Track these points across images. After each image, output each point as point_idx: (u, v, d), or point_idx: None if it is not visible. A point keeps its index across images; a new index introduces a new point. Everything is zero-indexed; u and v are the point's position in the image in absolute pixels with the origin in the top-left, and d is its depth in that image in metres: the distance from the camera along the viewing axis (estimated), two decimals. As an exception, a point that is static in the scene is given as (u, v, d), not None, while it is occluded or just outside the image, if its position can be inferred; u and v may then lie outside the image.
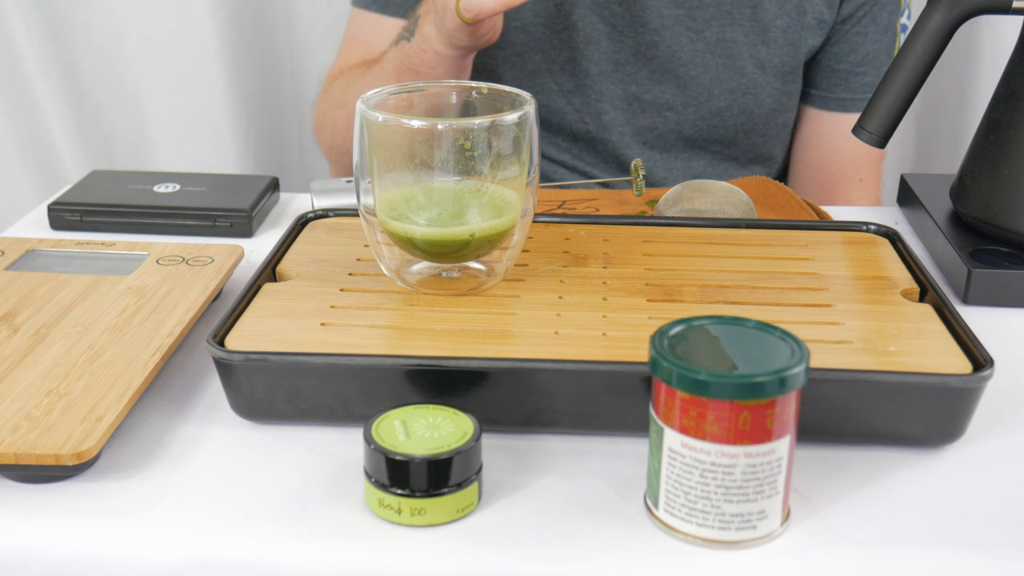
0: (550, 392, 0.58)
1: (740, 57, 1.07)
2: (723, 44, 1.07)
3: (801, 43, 1.09)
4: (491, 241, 0.66)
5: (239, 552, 0.51)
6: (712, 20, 1.06)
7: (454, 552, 0.50)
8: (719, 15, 1.06)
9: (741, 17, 1.06)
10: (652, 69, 1.07)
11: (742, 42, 1.07)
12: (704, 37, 1.06)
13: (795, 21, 1.07)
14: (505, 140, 0.64)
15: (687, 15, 1.05)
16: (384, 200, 0.65)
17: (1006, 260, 0.76)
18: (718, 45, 1.07)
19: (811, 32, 1.09)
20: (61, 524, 0.52)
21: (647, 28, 1.06)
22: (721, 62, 1.07)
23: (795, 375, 0.48)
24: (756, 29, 1.07)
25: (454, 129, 0.63)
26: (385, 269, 0.67)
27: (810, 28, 1.08)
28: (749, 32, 1.07)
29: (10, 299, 0.67)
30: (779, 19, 1.07)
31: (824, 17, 1.08)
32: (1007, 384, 0.64)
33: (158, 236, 0.85)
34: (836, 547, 0.51)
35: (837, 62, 1.12)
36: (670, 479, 0.50)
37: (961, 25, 0.76)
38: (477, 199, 0.64)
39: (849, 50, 1.11)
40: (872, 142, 0.78)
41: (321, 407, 0.59)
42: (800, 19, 1.07)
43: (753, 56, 1.07)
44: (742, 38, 1.07)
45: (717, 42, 1.07)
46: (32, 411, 0.55)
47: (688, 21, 1.05)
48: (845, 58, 1.11)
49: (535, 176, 0.66)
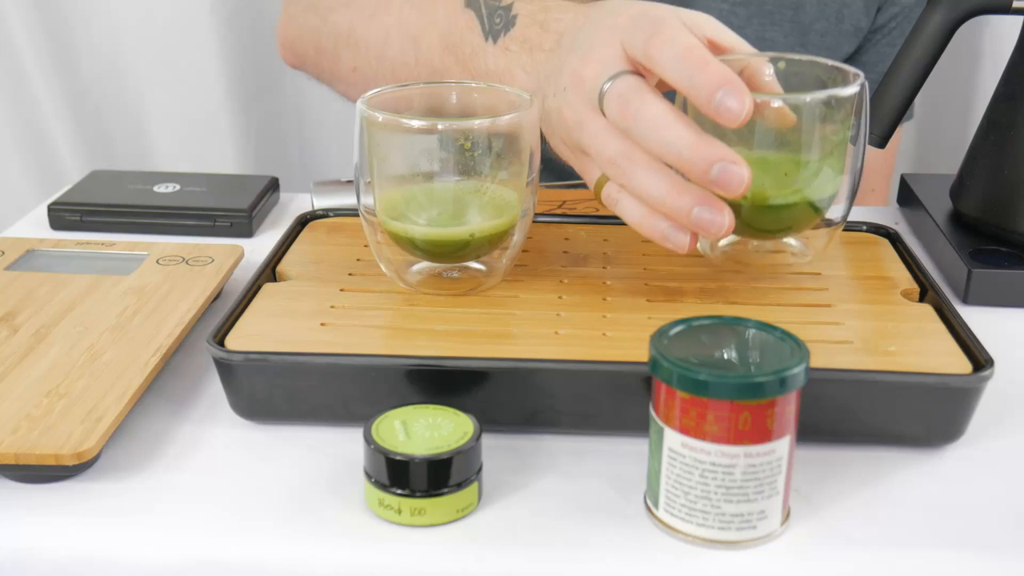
0: (550, 392, 0.58)
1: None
2: (762, 43, 1.05)
3: (837, 49, 1.09)
4: (491, 241, 0.65)
5: (239, 552, 0.51)
6: (753, 18, 1.05)
7: (454, 552, 0.50)
8: (760, 13, 1.05)
9: (782, 18, 1.05)
10: None
11: (781, 43, 1.06)
12: (744, 34, 1.05)
13: (833, 26, 1.07)
14: (505, 140, 0.64)
15: (730, 10, 1.04)
16: (384, 200, 0.65)
17: (1006, 260, 0.76)
18: (757, 44, 1.06)
19: (847, 39, 1.08)
20: (61, 524, 0.52)
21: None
22: None
23: (795, 375, 0.48)
24: (796, 31, 1.06)
25: (454, 129, 0.63)
26: (385, 269, 0.67)
27: (847, 35, 1.08)
28: (788, 33, 1.06)
29: (10, 299, 0.67)
30: (818, 23, 1.06)
31: (861, 25, 1.08)
32: (1007, 384, 0.64)
33: (158, 236, 0.85)
34: (836, 547, 0.51)
35: (867, 72, 1.12)
36: (670, 479, 0.50)
37: (961, 25, 0.76)
38: (477, 199, 0.64)
39: (877, 61, 1.11)
40: (872, 142, 0.78)
41: (321, 407, 0.59)
42: (838, 25, 1.07)
43: None
44: (781, 39, 1.06)
45: (756, 40, 1.06)
46: (32, 411, 0.55)
47: (731, 16, 1.04)
48: (874, 68, 1.11)
49: (535, 176, 0.66)
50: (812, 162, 0.62)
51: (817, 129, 0.61)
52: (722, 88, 0.56)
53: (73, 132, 1.44)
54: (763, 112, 0.61)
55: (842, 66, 0.65)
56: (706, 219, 0.59)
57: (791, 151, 0.62)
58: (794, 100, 0.61)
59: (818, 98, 0.61)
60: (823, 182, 0.63)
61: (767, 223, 0.65)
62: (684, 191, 0.59)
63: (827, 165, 0.63)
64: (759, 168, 0.61)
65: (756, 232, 0.66)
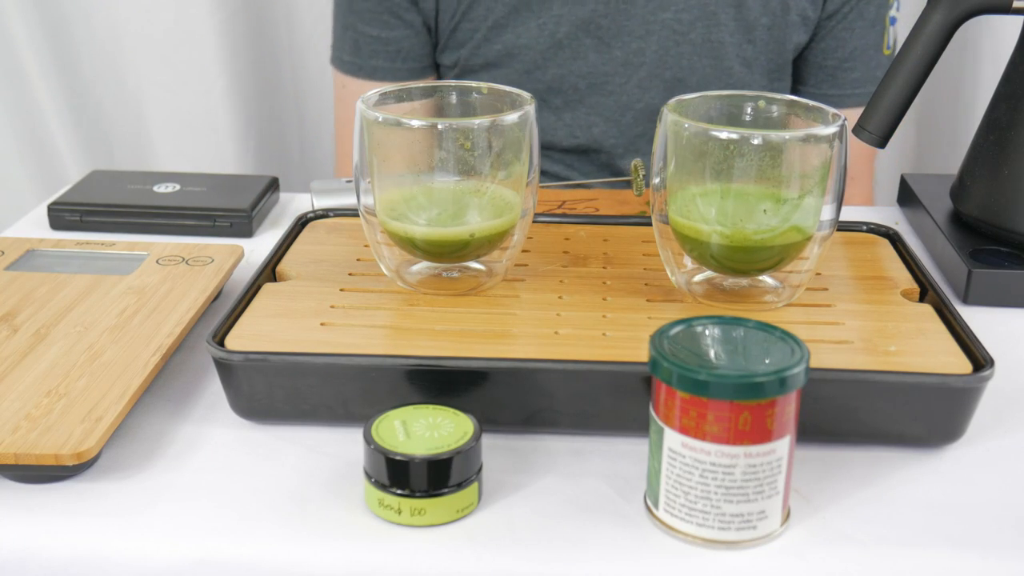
0: (550, 392, 0.58)
1: (727, 57, 1.07)
2: (709, 45, 1.07)
3: (787, 40, 1.09)
4: (491, 241, 0.65)
5: (239, 552, 0.51)
6: (697, 22, 1.06)
7: (454, 552, 0.50)
8: (704, 16, 1.06)
9: (726, 17, 1.06)
10: (641, 77, 1.07)
11: (728, 42, 1.07)
12: (690, 39, 1.06)
13: (779, 19, 1.08)
14: (505, 140, 0.63)
15: (674, 18, 1.05)
16: (384, 200, 0.65)
17: (1006, 260, 0.76)
18: (704, 46, 1.07)
19: (796, 29, 1.09)
20: (61, 524, 0.52)
21: (633, 36, 1.06)
22: (708, 63, 1.07)
23: (795, 375, 0.48)
24: (741, 28, 1.07)
25: (454, 129, 0.63)
26: (385, 269, 0.67)
27: (794, 25, 1.09)
28: (734, 32, 1.07)
29: (10, 299, 0.67)
30: (763, 18, 1.07)
31: (808, 14, 1.09)
32: (1007, 384, 0.64)
33: (158, 236, 0.85)
34: (836, 547, 0.51)
35: (824, 58, 1.12)
36: (670, 479, 0.50)
37: (961, 25, 0.76)
38: (477, 199, 0.64)
39: (836, 46, 1.11)
40: (872, 142, 0.78)
41: (321, 407, 0.59)
42: (784, 17, 1.08)
43: (740, 55, 1.08)
44: (728, 38, 1.07)
45: (703, 43, 1.07)
46: (32, 411, 0.55)
47: (674, 24, 1.05)
48: (832, 54, 1.11)
49: (535, 176, 0.66)
50: (792, 199, 0.62)
51: (796, 169, 0.62)
52: None
53: (73, 132, 1.44)
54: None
55: (822, 106, 0.65)
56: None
57: (771, 187, 0.62)
58: (776, 137, 0.61)
59: (796, 136, 0.61)
60: (803, 219, 0.63)
61: (745, 261, 0.65)
62: None
63: (807, 204, 0.63)
64: (739, 204, 0.62)
65: (733, 270, 0.66)
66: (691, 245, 0.65)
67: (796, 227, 0.63)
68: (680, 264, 0.67)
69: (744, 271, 0.66)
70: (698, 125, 0.61)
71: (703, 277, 0.68)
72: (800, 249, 0.64)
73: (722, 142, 0.61)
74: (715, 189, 0.62)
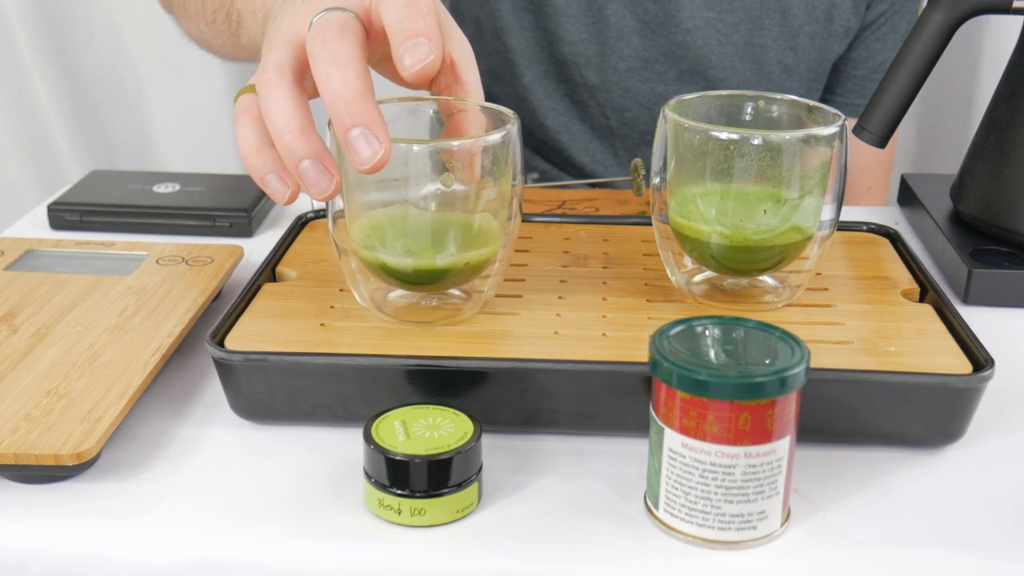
0: (550, 392, 0.58)
1: (768, 62, 1.07)
2: (751, 48, 1.07)
3: (828, 50, 1.09)
4: (471, 270, 0.62)
5: (239, 552, 0.51)
6: (741, 24, 1.06)
7: (454, 552, 0.50)
8: (748, 19, 1.06)
9: (770, 23, 1.06)
10: (681, 70, 1.07)
11: (771, 47, 1.07)
12: (733, 41, 1.06)
13: (823, 28, 1.07)
14: (488, 161, 0.58)
15: (717, 18, 1.05)
16: (358, 228, 0.61)
17: (1006, 260, 0.76)
18: (746, 49, 1.07)
19: (838, 40, 1.09)
20: (61, 524, 0.52)
21: (679, 28, 1.05)
22: (749, 66, 1.07)
23: (795, 375, 0.48)
24: (785, 35, 1.07)
25: (431, 150, 0.58)
26: (359, 297, 0.64)
27: (837, 36, 1.09)
28: (778, 38, 1.07)
29: (10, 299, 0.67)
30: (807, 26, 1.07)
31: (851, 25, 1.09)
32: (1007, 384, 0.64)
33: (158, 236, 0.85)
34: (836, 547, 0.51)
35: (854, 68, 1.12)
36: (670, 479, 0.50)
37: (961, 25, 0.76)
38: (455, 225, 0.60)
39: (867, 56, 1.11)
40: (872, 142, 0.78)
41: (321, 407, 0.59)
42: (828, 26, 1.08)
43: (781, 61, 1.07)
44: (771, 43, 1.07)
45: (746, 46, 1.06)
46: (32, 411, 0.55)
47: (718, 24, 1.05)
48: (862, 64, 1.11)
49: (519, 198, 0.62)
50: (792, 199, 0.62)
51: (797, 169, 0.61)
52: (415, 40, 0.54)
53: (73, 132, 1.44)
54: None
55: (822, 106, 0.65)
56: (312, 176, 0.54)
57: (771, 187, 0.61)
58: (776, 137, 0.61)
59: (797, 136, 0.61)
60: (803, 219, 0.63)
61: (745, 261, 0.64)
62: (308, 137, 0.55)
63: (807, 204, 0.62)
64: (739, 205, 0.62)
65: (733, 270, 0.66)
66: (691, 245, 0.65)
67: (796, 227, 0.63)
68: (680, 264, 0.67)
69: (744, 271, 0.66)
70: (698, 125, 0.61)
71: (703, 277, 0.68)
72: (800, 249, 0.64)
73: (722, 142, 0.61)
74: (715, 189, 0.62)
